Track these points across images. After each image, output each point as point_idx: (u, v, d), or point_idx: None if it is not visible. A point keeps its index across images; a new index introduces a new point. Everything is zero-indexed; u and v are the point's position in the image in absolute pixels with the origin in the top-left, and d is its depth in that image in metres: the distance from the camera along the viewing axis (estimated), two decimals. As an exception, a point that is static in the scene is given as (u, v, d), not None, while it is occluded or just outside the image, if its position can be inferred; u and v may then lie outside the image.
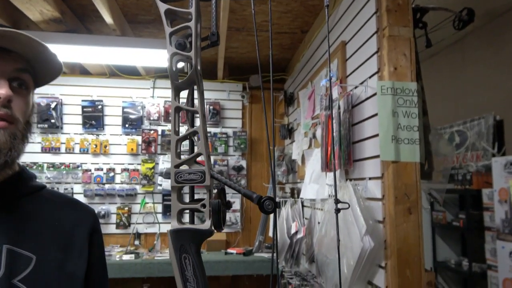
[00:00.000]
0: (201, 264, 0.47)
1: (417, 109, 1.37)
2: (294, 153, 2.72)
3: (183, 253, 0.47)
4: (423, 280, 1.32)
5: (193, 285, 0.46)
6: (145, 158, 3.15)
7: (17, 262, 0.69)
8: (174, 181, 0.51)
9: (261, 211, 0.51)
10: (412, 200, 1.35)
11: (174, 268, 0.47)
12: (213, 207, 0.48)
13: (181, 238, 0.47)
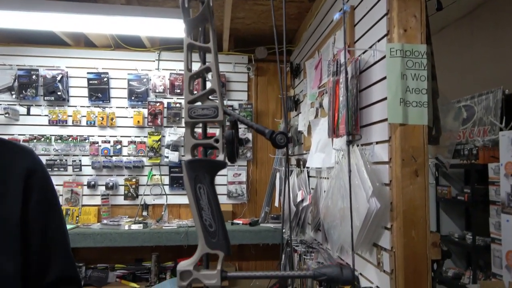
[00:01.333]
0: (215, 194, 0.48)
1: (426, 71, 1.36)
2: (300, 125, 2.72)
3: (198, 183, 0.48)
4: (428, 241, 1.34)
5: (208, 213, 0.47)
6: (151, 131, 3.17)
7: None
8: (188, 117, 0.52)
9: (274, 145, 0.51)
10: (419, 162, 1.35)
11: (189, 198, 0.48)
12: (227, 137, 0.49)
13: (196, 169, 0.49)
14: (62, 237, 0.85)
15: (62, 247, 0.85)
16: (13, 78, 3.07)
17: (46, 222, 0.82)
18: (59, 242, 0.85)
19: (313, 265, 1.90)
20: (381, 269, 1.45)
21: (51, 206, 0.84)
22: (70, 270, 0.86)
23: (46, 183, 0.83)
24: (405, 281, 1.33)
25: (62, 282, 0.84)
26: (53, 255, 0.83)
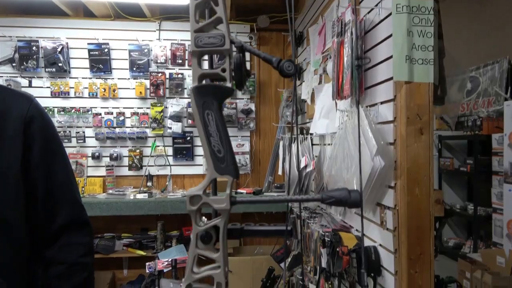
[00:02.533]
0: (223, 121, 0.48)
1: (432, 28, 1.33)
2: (303, 93, 2.70)
3: (206, 109, 0.48)
4: (432, 198, 1.36)
5: (216, 139, 0.47)
6: (154, 102, 3.16)
7: None
8: (194, 46, 0.51)
9: (281, 74, 0.51)
10: (424, 121, 1.35)
11: (197, 124, 0.48)
12: (235, 61, 0.49)
13: (204, 95, 0.48)
14: (68, 183, 0.86)
15: (69, 193, 0.86)
16: (13, 49, 3.04)
17: (50, 170, 0.82)
18: (66, 188, 0.86)
19: (316, 228, 1.92)
20: (384, 227, 1.47)
21: (54, 153, 0.84)
22: (79, 214, 0.88)
23: (47, 131, 0.83)
24: (408, 238, 1.35)
25: (71, 226, 0.86)
26: (60, 201, 0.84)
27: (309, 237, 2.13)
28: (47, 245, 0.83)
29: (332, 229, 1.77)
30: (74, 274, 0.85)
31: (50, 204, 0.82)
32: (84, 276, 0.86)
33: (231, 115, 3.19)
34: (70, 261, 0.84)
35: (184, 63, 3.20)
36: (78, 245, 0.86)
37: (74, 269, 0.85)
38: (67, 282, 0.83)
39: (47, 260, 0.84)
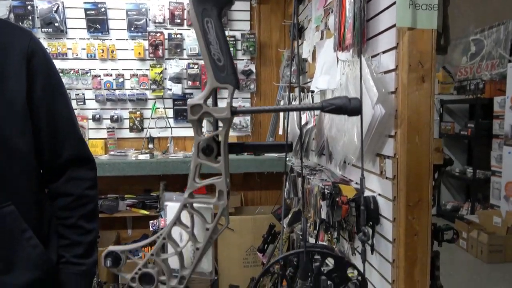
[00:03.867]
0: (222, 29, 0.48)
1: (438, -29, 1.29)
2: (304, 52, 2.66)
3: (205, 17, 0.47)
4: (431, 146, 1.36)
5: (216, 47, 0.47)
6: (153, 63, 3.12)
7: None
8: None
9: None
10: (426, 68, 1.33)
11: (196, 33, 0.48)
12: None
13: (203, 1, 0.48)
14: (70, 120, 0.87)
15: (72, 129, 0.88)
16: (8, 9, 2.98)
17: (52, 105, 0.84)
18: (68, 124, 0.87)
19: (316, 182, 1.95)
20: (384, 176, 1.49)
21: (56, 89, 0.85)
22: (83, 149, 0.90)
23: (48, 67, 0.83)
24: (407, 185, 1.36)
25: (76, 161, 0.87)
26: (64, 137, 0.85)
27: (309, 193, 2.16)
28: (53, 180, 0.85)
29: (332, 182, 1.80)
30: (81, 206, 0.87)
31: (54, 138, 0.84)
32: (90, 208, 0.88)
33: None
34: (77, 193, 0.87)
35: (183, 23, 3.13)
36: (83, 179, 0.89)
37: (80, 201, 0.87)
38: (74, 212, 0.86)
39: (52, 193, 0.86)
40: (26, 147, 0.78)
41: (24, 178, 0.79)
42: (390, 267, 1.46)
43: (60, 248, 0.85)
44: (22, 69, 0.77)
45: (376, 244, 1.55)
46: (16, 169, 0.77)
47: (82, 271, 0.86)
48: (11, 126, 0.75)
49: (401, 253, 1.39)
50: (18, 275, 0.74)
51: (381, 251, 1.52)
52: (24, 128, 0.78)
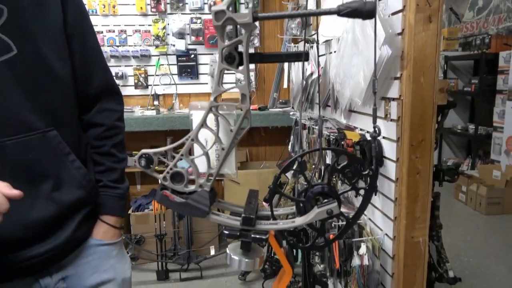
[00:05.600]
0: None
1: None
2: (309, 3, 2.62)
3: None
4: (436, 87, 1.39)
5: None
6: (155, 18, 3.08)
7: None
8: None
9: None
10: (433, 8, 1.33)
11: None
12: None
13: None
14: (99, 49, 0.93)
15: (101, 59, 0.93)
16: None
17: (84, 34, 0.87)
18: (98, 55, 0.92)
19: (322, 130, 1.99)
20: (388, 119, 1.52)
21: (85, 17, 0.88)
22: (112, 82, 0.95)
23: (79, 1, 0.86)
24: (411, 126, 1.40)
25: (106, 92, 0.92)
26: (95, 65, 0.91)
27: (314, 142, 2.22)
28: (85, 110, 0.92)
29: (337, 129, 1.84)
30: (113, 136, 0.94)
31: (86, 64, 0.88)
32: (120, 138, 0.96)
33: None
34: (108, 124, 0.93)
35: (185, -26, 3.06)
36: (113, 111, 0.95)
37: (112, 131, 0.94)
38: (107, 141, 0.93)
39: (86, 124, 0.92)
40: (65, 72, 0.82)
41: (64, 104, 0.84)
42: (393, 205, 1.53)
43: (97, 173, 0.92)
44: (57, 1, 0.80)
45: (380, 185, 1.61)
46: (58, 95, 0.81)
47: (119, 194, 0.94)
48: (52, 50, 0.78)
49: (403, 191, 1.46)
50: (67, 193, 0.81)
51: (384, 191, 1.59)
52: (63, 53, 0.81)
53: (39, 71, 0.77)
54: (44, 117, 0.78)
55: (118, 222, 0.95)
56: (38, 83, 0.77)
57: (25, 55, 0.74)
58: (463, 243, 3.16)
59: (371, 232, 1.71)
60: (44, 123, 0.77)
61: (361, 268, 1.60)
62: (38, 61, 0.76)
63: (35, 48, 0.75)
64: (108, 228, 0.92)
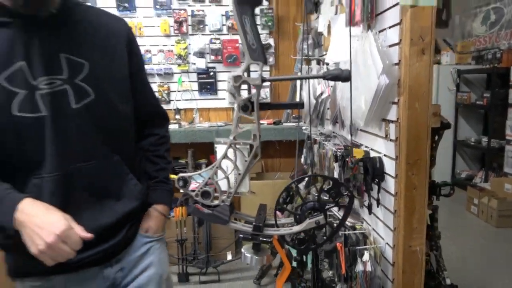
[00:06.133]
0: (255, 23, 0.69)
1: (438, -47, 1.44)
2: (320, 26, 2.81)
3: (243, 14, 0.69)
4: (430, 111, 1.55)
5: (250, 36, 0.69)
6: (178, 39, 3.33)
7: (75, 67, 0.92)
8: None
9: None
10: (426, 42, 1.50)
11: (238, 26, 0.69)
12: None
13: (241, 4, 0.69)
14: (151, 88, 1.20)
15: (153, 93, 1.21)
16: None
17: (142, 75, 1.13)
18: (151, 89, 1.19)
19: (330, 147, 2.17)
20: (388, 139, 1.69)
21: (142, 64, 1.15)
22: (161, 107, 1.24)
23: (138, 48, 1.11)
24: (407, 146, 1.57)
25: (159, 114, 1.22)
26: (150, 97, 1.19)
27: (324, 157, 2.39)
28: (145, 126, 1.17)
29: (343, 146, 2.01)
30: (164, 143, 1.21)
31: (145, 98, 1.15)
32: (168, 146, 1.22)
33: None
34: (161, 133, 1.20)
35: (205, 0, 3.30)
36: (164, 125, 1.24)
37: (163, 139, 1.21)
38: (161, 147, 1.19)
39: (145, 134, 1.18)
40: (127, 110, 1.05)
41: (125, 134, 1.06)
42: (392, 217, 1.68)
43: (154, 171, 1.17)
44: (125, 50, 1.02)
45: (381, 198, 1.77)
46: (121, 128, 1.04)
47: (170, 188, 1.19)
48: (118, 94, 1.01)
49: (401, 205, 1.62)
50: (125, 204, 1.02)
51: (385, 204, 1.75)
52: (127, 96, 1.04)
53: (108, 112, 0.99)
54: (110, 146, 0.99)
55: (167, 212, 1.18)
56: (106, 121, 0.98)
57: (98, 99, 0.95)
58: (471, 254, 3.25)
59: (374, 241, 1.86)
60: (110, 151, 0.99)
61: (364, 273, 1.76)
62: (107, 104, 0.98)
63: (106, 94, 0.97)
64: (158, 216, 1.14)
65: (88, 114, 0.94)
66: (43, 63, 0.88)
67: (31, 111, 0.87)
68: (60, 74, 0.90)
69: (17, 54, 0.87)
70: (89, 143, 0.95)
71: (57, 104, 0.90)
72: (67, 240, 0.81)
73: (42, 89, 0.88)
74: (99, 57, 0.96)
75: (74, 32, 0.94)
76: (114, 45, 1.01)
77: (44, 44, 0.89)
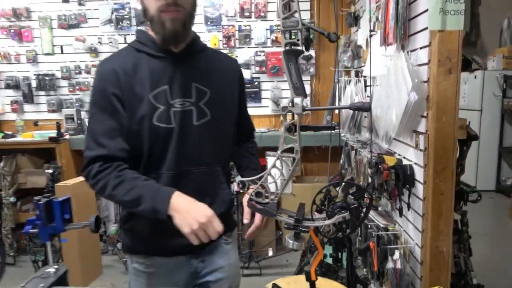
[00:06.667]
0: (298, 68, 0.93)
1: (464, -17, 1.60)
2: (359, 39, 2.99)
3: (289, 62, 0.93)
4: (456, 125, 1.71)
5: (294, 77, 0.92)
6: (226, 52, 3.63)
7: (201, 94, 1.22)
8: (282, 27, 0.95)
9: (329, 40, 0.94)
10: (453, 62, 1.66)
11: (284, 69, 0.93)
12: (304, 36, 0.92)
13: (288, 54, 0.93)
14: (248, 113, 1.49)
15: (250, 118, 1.51)
16: (110, 11, 3.64)
17: (245, 105, 1.44)
18: (249, 116, 1.50)
19: (366, 154, 2.35)
20: (418, 148, 1.86)
21: (245, 94, 1.44)
22: (252, 125, 1.55)
23: (244, 81, 1.41)
24: (435, 156, 1.73)
25: (250, 134, 1.52)
26: (248, 119, 1.49)
27: (360, 163, 2.57)
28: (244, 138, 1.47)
29: (377, 153, 2.19)
30: (254, 147, 1.50)
31: (246, 120, 1.45)
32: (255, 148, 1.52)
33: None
34: (253, 141, 1.52)
35: (251, 15, 3.58)
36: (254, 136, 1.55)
37: (254, 144, 1.51)
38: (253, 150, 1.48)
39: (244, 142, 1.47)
40: (232, 131, 1.33)
41: (227, 149, 1.34)
42: (421, 220, 1.85)
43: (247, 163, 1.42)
44: (237, 84, 1.33)
45: (411, 202, 1.94)
46: (225, 145, 1.32)
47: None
48: (228, 117, 1.30)
49: (429, 209, 1.78)
50: (217, 208, 1.19)
51: (414, 208, 1.92)
52: (235, 120, 1.34)
53: (218, 130, 1.26)
54: (215, 158, 1.27)
55: None
56: (216, 137, 1.26)
57: (213, 120, 1.23)
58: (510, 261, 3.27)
59: (405, 241, 2.03)
60: (215, 161, 1.27)
61: (394, 271, 1.93)
62: (219, 125, 1.26)
63: (219, 116, 1.25)
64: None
65: (204, 131, 1.22)
66: (180, 89, 1.19)
67: (165, 122, 1.17)
68: (190, 97, 1.20)
69: (163, 80, 1.18)
70: (201, 153, 1.23)
71: (184, 120, 1.19)
72: (210, 226, 1.06)
73: (176, 108, 1.18)
74: (218, 87, 1.25)
75: (202, 67, 1.25)
76: (229, 80, 1.30)
77: (183, 75, 1.20)
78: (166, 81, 1.18)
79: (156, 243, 1.26)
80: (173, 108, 1.18)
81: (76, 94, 3.80)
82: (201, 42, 1.30)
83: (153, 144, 1.19)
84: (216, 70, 1.27)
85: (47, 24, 3.71)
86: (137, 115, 1.16)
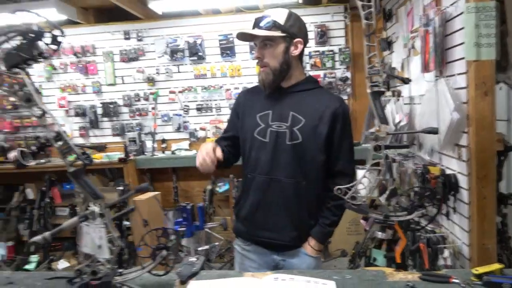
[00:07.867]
0: (381, 104, 1.27)
1: (494, 21, 1.92)
2: (394, 61, 3.32)
3: (375, 100, 1.27)
4: (494, 138, 2.00)
5: (379, 110, 1.27)
6: (269, 77, 4.01)
7: (296, 121, 1.56)
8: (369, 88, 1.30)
9: (404, 83, 1.28)
10: (488, 86, 1.96)
11: (371, 105, 1.28)
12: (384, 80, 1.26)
13: (374, 94, 1.28)
14: (348, 150, 1.67)
15: (346, 156, 1.66)
16: (165, 45, 4.10)
17: (341, 140, 1.63)
18: (346, 152, 1.65)
19: (410, 165, 2.65)
20: (461, 159, 2.15)
21: (345, 132, 1.65)
22: (348, 169, 1.67)
23: (344, 121, 1.63)
24: (477, 166, 2.01)
25: (341, 173, 1.65)
26: (342, 157, 1.65)
27: (404, 174, 2.87)
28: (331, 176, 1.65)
29: (422, 165, 2.49)
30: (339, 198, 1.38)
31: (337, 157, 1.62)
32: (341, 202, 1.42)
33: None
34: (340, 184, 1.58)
35: (291, 43, 3.96)
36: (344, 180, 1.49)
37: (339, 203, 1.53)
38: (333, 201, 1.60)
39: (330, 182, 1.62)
40: (320, 158, 1.59)
41: (314, 171, 1.57)
42: (467, 221, 2.12)
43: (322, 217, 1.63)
44: (330, 118, 1.54)
45: (457, 206, 2.22)
46: (313, 167, 1.57)
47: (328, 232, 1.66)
48: (316, 144, 1.57)
49: (474, 211, 2.05)
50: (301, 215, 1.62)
51: (460, 211, 2.20)
52: (322, 148, 1.58)
53: (306, 153, 1.57)
54: (301, 174, 1.58)
55: (316, 246, 1.63)
56: (302, 159, 1.57)
57: (303, 143, 1.55)
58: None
59: (452, 241, 2.30)
60: (302, 177, 1.57)
61: (445, 267, 2.20)
62: (307, 148, 1.57)
63: (308, 141, 1.56)
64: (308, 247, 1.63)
65: (294, 150, 1.56)
66: (279, 114, 1.58)
67: (262, 137, 1.58)
68: (286, 122, 1.57)
69: (268, 106, 1.61)
70: (288, 168, 1.57)
71: (278, 138, 1.57)
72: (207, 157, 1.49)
73: (272, 128, 1.57)
74: (311, 118, 1.57)
75: (304, 101, 1.60)
76: (323, 113, 1.57)
77: (283, 104, 1.59)
78: (270, 107, 1.60)
79: (250, 232, 1.66)
80: (270, 128, 1.59)
81: (135, 119, 4.25)
82: (311, 83, 1.66)
83: (251, 151, 1.62)
84: (315, 104, 1.59)
85: (109, 58, 4.20)
86: (245, 127, 1.64)
